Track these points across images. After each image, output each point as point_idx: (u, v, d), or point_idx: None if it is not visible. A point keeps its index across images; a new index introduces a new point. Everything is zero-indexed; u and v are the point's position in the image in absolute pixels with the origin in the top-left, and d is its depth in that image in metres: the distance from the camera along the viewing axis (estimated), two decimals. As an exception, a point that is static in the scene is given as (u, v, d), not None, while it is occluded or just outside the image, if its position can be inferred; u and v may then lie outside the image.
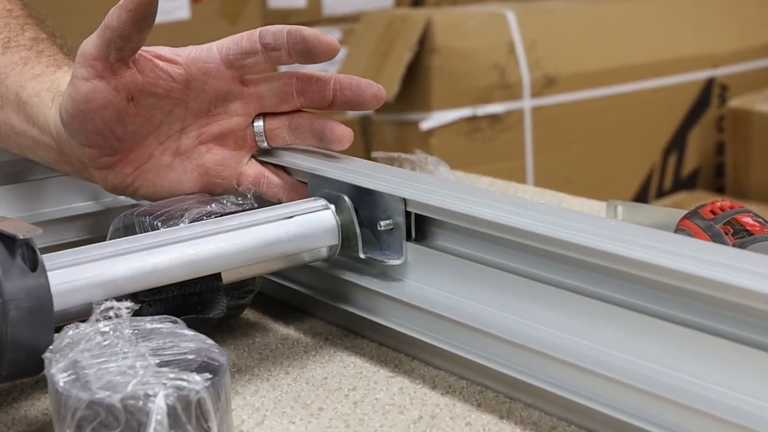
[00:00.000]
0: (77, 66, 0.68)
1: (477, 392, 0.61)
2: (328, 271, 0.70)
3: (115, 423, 0.48)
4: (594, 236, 0.53)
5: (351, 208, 0.66)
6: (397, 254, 0.65)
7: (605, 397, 0.53)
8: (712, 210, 0.70)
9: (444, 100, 2.08)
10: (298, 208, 0.67)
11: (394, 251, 0.66)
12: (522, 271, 0.59)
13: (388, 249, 0.66)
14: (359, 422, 0.58)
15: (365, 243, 0.66)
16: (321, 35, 0.68)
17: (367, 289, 0.67)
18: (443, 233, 0.64)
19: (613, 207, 0.82)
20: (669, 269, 0.49)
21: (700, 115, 2.43)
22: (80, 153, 0.71)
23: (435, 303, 0.63)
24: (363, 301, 0.68)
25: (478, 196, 0.61)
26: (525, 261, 0.59)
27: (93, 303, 0.54)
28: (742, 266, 0.48)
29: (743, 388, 0.49)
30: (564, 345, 0.56)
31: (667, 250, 0.51)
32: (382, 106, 0.70)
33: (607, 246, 0.52)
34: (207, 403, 0.49)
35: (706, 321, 0.50)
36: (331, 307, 0.70)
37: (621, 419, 0.52)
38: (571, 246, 0.54)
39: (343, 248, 0.67)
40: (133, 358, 0.50)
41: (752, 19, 2.52)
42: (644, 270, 0.51)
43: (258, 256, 0.64)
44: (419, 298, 0.64)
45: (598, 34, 2.28)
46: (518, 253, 0.59)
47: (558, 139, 2.21)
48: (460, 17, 2.15)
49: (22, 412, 0.60)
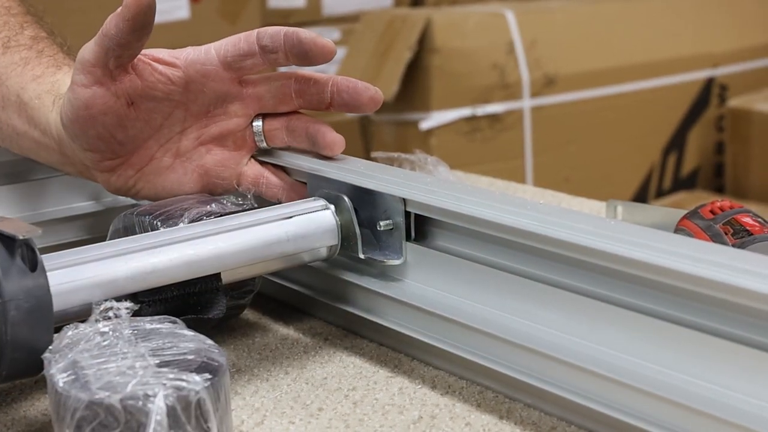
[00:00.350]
0: (76, 72, 0.67)
1: (477, 392, 0.61)
2: (328, 271, 0.70)
3: (114, 423, 0.48)
4: (594, 236, 0.53)
5: (350, 208, 0.66)
6: (396, 254, 0.65)
7: (605, 398, 0.53)
8: (711, 210, 0.70)
9: (443, 100, 2.08)
10: (297, 208, 0.67)
11: (393, 251, 0.66)
12: (522, 271, 0.59)
13: (387, 249, 0.66)
14: (359, 422, 0.58)
15: (365, 243, 0.66)
16: (317, 38, 0.68)
17: (366, 290, 0.67)
18: (443, 233, 0.64)
19: (613, 207, 0.82)
20: (669, 269, 0.49)
21: (700, 115, 2.43)
22: (82, 156, 0.71)
23: (435, 303, 0.63)
24: (363, 301, 0.68)
25: (477, 196, 0.61)
26: (525, 261, 0.59)
27: (92, 303, 0.54)
28: (742, 266, 0.48)
29: (743, 388, 0.49)
30: (564, 345, 0.56)
31: (667, 250, 0.51)
32: (381, 106, 0.70)
33: (607, 246, 0.52)
34: (206, 404, 0.49)
35: (705, 321, 0.50)
36: (331, 307, 0.70)
37: (620, 419, 0.52)
38: (571, 246, 0.54)
39: (343, 248, 0.67)
40: (132, 359, 0.50)
41: (752, 18, 2.53)
42: (644, 270, 0.51)
43: (257, 257, 0.64)
44: (419, 298, 0.64)
45: (598, 34, 2.28)
46: (518, 253, 0.59)
47: (557, 139, 2.21)
48: (460, 17, 2.15)
49: (22, 413, 0.60)
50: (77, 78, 0.67)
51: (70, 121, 0.69)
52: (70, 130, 0.69)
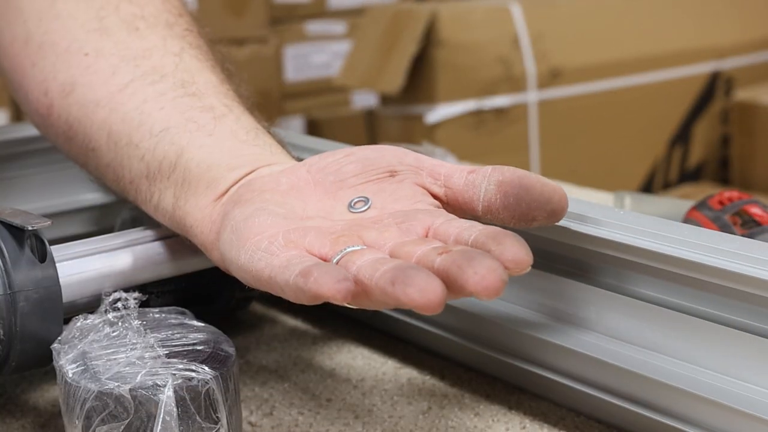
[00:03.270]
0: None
1: (486, 383, 0.60)
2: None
3: (124, 414, 0.48)
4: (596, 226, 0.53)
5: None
6: None
7: (614, 388, 0.53)
8: (720, 201, 0.70)
9: (449, 93, 2.08)
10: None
11: None
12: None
13: None
14: (368, 413, 0.58)
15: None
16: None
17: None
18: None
19: (621, 198, 0.82)
20: (677, 258, 0.49)
21: (706, 108, 2.42)
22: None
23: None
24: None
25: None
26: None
27: (102, 294, 0.54)
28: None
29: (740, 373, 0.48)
30: (571, 335, 0.56)
31: (676, 240, 0.51)
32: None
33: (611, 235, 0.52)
34: (216, 394, 0.49)
35: (715, 311, 0.50)
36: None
37: (629, 408, 0.52)
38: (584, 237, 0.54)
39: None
40: (141, 349, 0.51)
41: (758, 11, 2.52)
42: (647, 258, 0.51)
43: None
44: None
45: (604, 27, 2.28)
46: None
47: (563, 132, 2.21)
48: (465, 10, 2.14)
49: (31, 403, 0.60)
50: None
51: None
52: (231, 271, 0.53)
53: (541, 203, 0.50)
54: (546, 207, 0.51)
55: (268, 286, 0.48)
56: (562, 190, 0.51)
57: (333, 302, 0.42)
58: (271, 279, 0.47)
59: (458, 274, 0.42)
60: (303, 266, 0.45)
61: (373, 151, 0.55)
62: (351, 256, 0.46)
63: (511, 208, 0.51)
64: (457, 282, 0.42)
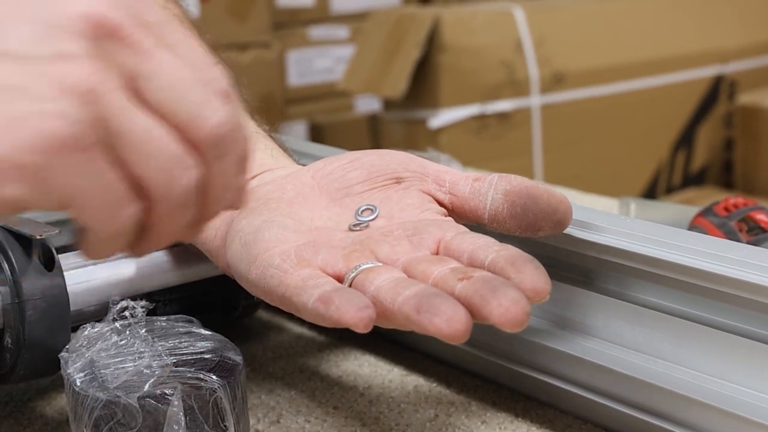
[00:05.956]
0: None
1: (492, 390, 0.61)
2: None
3: (132, 422, 0.48)
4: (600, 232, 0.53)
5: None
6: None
7: (621, 396, 0.53)
8: (725, 207, 0.70)
9: (452, 98, 2.08)
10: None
11: None
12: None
13: None
14: (374, 420, 0.58)
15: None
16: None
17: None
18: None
19: (626, 204, 0.82)
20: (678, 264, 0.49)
21: (709, 111, 2.42)
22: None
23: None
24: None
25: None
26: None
27: (109, 302, 0.54)
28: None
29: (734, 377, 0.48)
30: (578, 342, 0.56)
31: (683, 248, 0.51)
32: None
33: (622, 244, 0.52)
34: (223, 402, 0.49)
35: (722, 318, 0.50)
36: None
37: (636, 416, 0.52)
38: (591, 246, 0.54)
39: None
40: (149, 358, 0.51)
41: (761, 15, 2.52)
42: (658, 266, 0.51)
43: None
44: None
45: (607, 31, 2.28)
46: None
47: (566, 136, 2.21)
48: (468, 14, 2.15)
49: (39, 412, 0.61)
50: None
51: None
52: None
53: (548, 213, 0.50)
54: (552, 217, 0.51)
55: (280, 303, 0.48)
56: (567, 200, 0.51)
57: (353, 330, 0.42)
58: (285, 298, 0.47)
59: (482, 304, 0.41)
60: (322, 291, 0.44)
61: (378, 157, 0.55)
62: (367, 275, 0.45)
63: (518, 218, 0.51)
64: (481, 313, 0.41)
